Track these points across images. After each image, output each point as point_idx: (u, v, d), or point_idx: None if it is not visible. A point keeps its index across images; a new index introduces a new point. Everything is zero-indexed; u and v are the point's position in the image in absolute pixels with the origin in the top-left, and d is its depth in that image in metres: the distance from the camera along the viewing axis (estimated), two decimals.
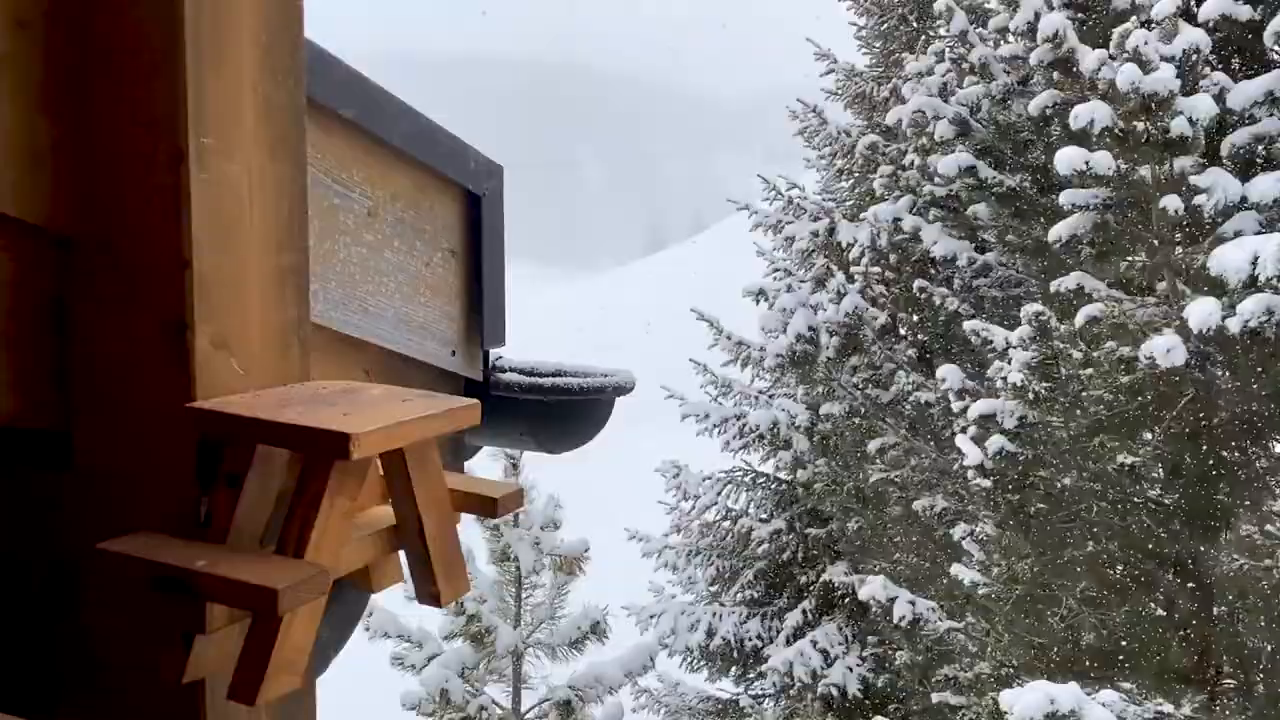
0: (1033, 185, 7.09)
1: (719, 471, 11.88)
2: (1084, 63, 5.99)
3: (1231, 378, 6.22)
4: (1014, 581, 6.37)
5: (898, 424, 8.09)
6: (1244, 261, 5.44)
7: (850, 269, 9.33)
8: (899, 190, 8.39)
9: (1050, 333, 5.85)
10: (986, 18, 7.77)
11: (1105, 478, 6.49)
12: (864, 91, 11.06)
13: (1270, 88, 6.04)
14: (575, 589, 13.35)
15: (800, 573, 11.18)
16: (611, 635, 9.75)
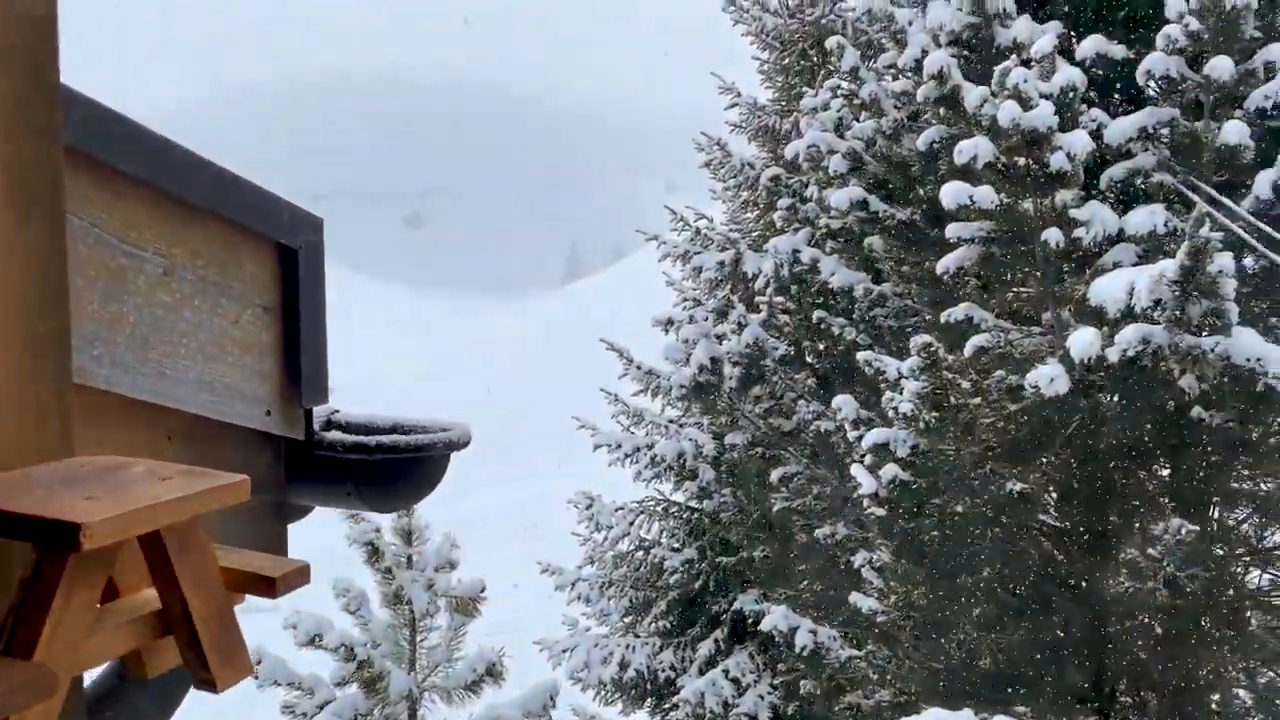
0: (924, 218, 7.24)
1: (632, 502, 11.87)
2: (968, 99, 6.15)
3: (1116, 404, 6.39)
4: (911, 608, 6.45)
5: (800, 453, 8.17)
6: (1121, 292, 5.62)
7: (756, 299, 9.43)
8: (798, 222, 8.51)
9: (939, 363, 5.96)
10: (879, 53, 7.95)
11: (997, 504, 6.62)
12: (767, 125, 11.21)
13: (1145, 123, 6.27)
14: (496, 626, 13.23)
15: (713, 602, 11.19)
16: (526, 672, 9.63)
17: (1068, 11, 7.02)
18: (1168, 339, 5.44)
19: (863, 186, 7.44)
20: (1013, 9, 6.64)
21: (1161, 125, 6.21)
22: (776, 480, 8.13)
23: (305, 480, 1.70)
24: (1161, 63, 6.00)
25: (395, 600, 5.46)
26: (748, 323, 8.01)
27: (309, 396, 1.96)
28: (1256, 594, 7.65)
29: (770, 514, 8.33)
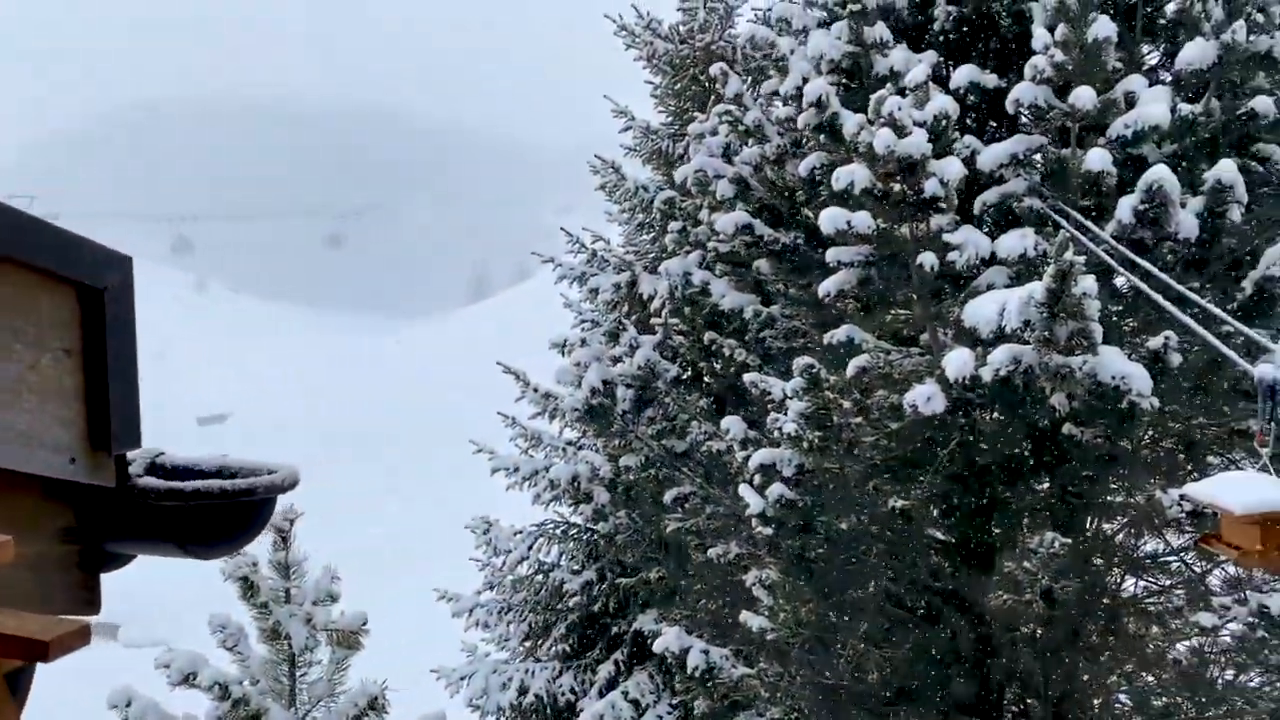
0: (808, 242, 7.38)
1: (530, 525, 11.79)
2: (846, 127, 6.30)
3: (993, 422, 6.58)
4: (800, 625, 6.53)
5: (694, 473, 8.22)
6: (993, 313, 5.79)
7: (652, 321, 9.49)
8: (689, 245, 8.58)
9: (821, 383, 6.06)
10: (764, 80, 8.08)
11: (882, 520, 6.75)
12: (661, 148, 11.31)
13: (1015, 150, 6.51)
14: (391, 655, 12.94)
15: (612, 623, 11.16)
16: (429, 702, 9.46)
17: (943, 41, 7.23)
18: (1037, 358, 5.62)
19: (749, 211, 7.54)
20: (890, 39, 6.82)
21: (1031, 152, 6.45)
22: (670, 501, 8.17)
23: (120, 528, 1.63)
24: (1029, 92, 6.23)
25: (273, 635, 5.32)
26: (640, 345, 8.04)
27: (120, 442, 1.88)
28: (1132, 601, 7.95)
29: (665, 535, 8.36)
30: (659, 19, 11.61)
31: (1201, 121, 6.14)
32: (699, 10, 11.03)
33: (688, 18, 11.23)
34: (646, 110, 12.16)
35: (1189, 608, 6.93)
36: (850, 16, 6.69)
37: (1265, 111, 6.12)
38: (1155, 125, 5.95)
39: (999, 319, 5.72)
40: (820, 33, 7.08)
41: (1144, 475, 6.74)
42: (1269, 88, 6.55)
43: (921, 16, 7.19)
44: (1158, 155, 6.23)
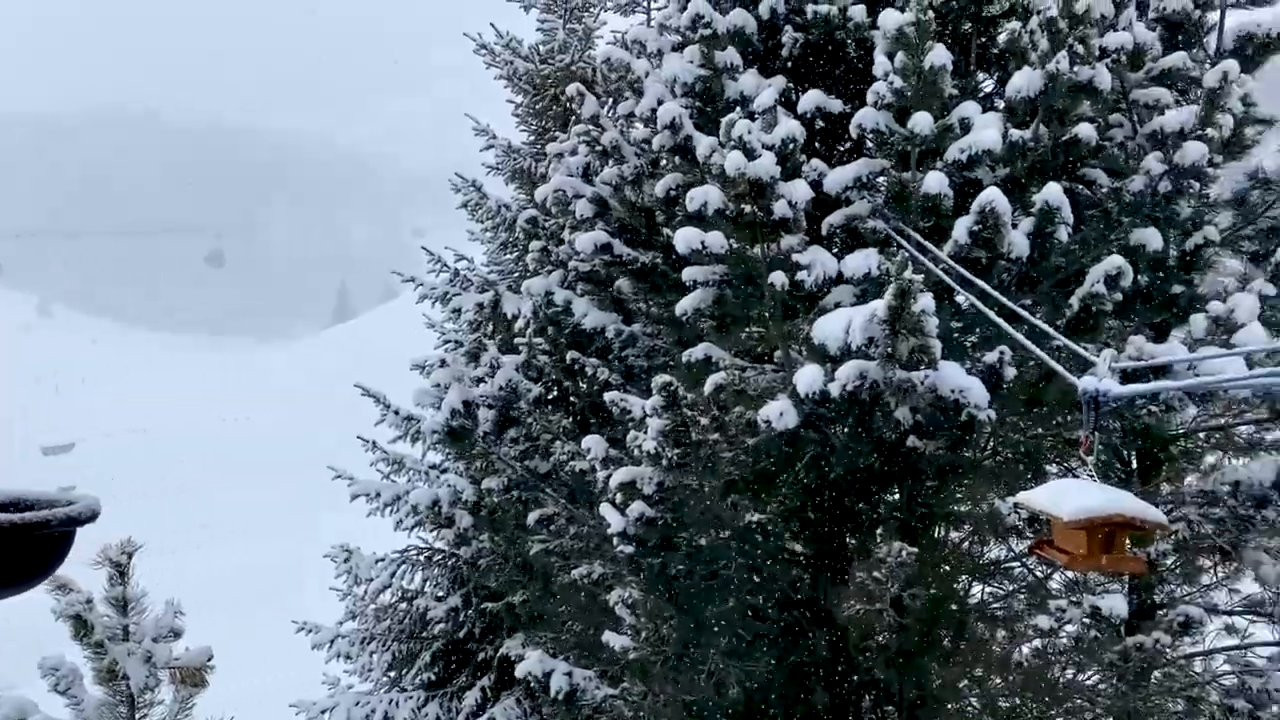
0: (666, 261, 7.47)
1: (393, 552, 11.56)
2: (699, 149, 6.41)
3: (843, 436, 6.77)
4: (662, 643, 6.57)
5: (558, 494, 8.19)
6: (840, 330, 5.98)
7: (516, 340, 9.44)
8: (550, 265, 8.59)
9: (679, 401, 6.13)
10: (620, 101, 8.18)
11: (741, 534, 6.86)
12: (523, 167, 11.30)
13: (859, 173, 6.73)
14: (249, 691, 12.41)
15: (479, 649, 11.02)
16: None
17: (791, 67, 7.45)
18: (881, 374, 5.82)
19: (609, 230, 7.60)
20: (740, 63, 6.98)
21: (874, 175, 6.69)
22: (534, 523, 8.12)
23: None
24: (871, 117, 6.47)
25: (110, 676, 5.06)
26: (501, 365, 7.99)
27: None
28: (979, 606, 8.28)
29: (529, 557, 8.30)
30: (519, 39, 11.62)
31: (1031, 146, 6.48)
32: (558, 31, 11.09)
33: (547, 38, 11.29)
34: (509, 129, 12.15)
35: (1029, 611, 7.25)
36: (701, 41, 6.83)
37: (1088, 138, 6.49)
38: (988, 150, 6.24)
39: (845, 336, 5.90)
40: (674, 56, 7.21)
41: (985, 484, 7.03)
42: (1092, 115, 6.97)
43: (770, 42, 7.38)
44: (991, 178, 6.54)
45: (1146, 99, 7.21)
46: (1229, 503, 6.76)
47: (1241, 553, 7.27)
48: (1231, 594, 8.40)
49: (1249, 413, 7.96)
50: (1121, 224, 6.92)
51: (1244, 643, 8.22)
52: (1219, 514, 6.94)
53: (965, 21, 7.28)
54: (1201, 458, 8.56)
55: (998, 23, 7.31)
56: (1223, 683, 7.71)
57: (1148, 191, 6.70)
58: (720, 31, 6.92)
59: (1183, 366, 5.85)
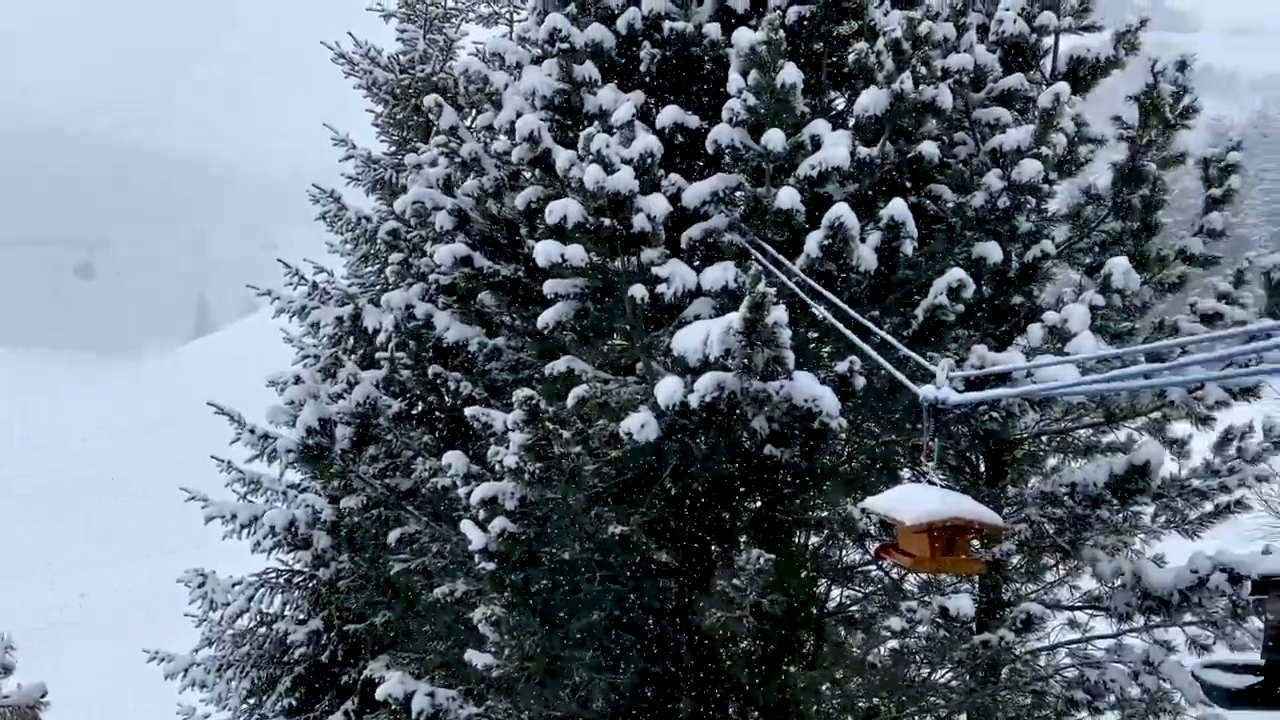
0: (528, 274, 7.45)
1: (250, 575, 11.17)
2: (558, 162, 6.41)
3: (704, 446, 6.85)
4: (526, 659, 6.52)
5: (420, 512, 8.05)
6: (698, 343, 6.06)
7: (378, 355, 9.24)
8: (412, 277, 8.46)
9: (541, 414, 6.11)
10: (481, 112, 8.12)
11: (605, 547, 6.88)
12: (383, 178, 11.11)
13: (716, 188, 6.85)
14: None
15: (342, 672, 10.74)
16: None
17: (649, 82, 7.53)
18: (739, 384, 5.93)
19: (469, 243, 7.53)
20: (598, 78, 7.02)
21: (730, 190, 6.81)
22: (395, 542, 7.96)
23: None
24: (727, 133, 6.58)
25: None
26: (359, 380, 7.81)
27: None
28: (838, 610, 8.49)
29: (391, 577, 8.13)
30: (379, 48, 11.44)
31: (878, 163, 6.70)
32: (419, 41, 10.96)
33: (408, 48, 11.14)
34: (370, 139, 11.93)
35: (882, 614, 7.47)
36: (560, 55, 6.84)
37: (931, 155, 6.75)
38: (837, 166, 6.43)
39: (704, 348, 5.99)
40: (533, 69, 7.20)
41: (841, 490, 7.23)
42: (936, 133, 7.25)
43: (629, 57, 7.45)
44: (841, 194, 6.74)
45: (988, 118, 7.55)
46: (1067, 503, 7.11)
47: (1080, 550, 7.66)
48: (1072, 590, 8.84)
49: (1086, 417, 8.42)
50: (965, 238, 7.22)
51: (1085, 636, 8.65)
52: (1059, 514, 7.29)
53: (817, 41, 7.49)
54: (1044, 461, 9.00)
55: (848, 43, 7.55)
56: (1065, 675, 8.09)
57: (988, 207, 7.00)
58: (578, 46, 6.95)
59: (1021, 374, 6.14)
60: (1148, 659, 7.48)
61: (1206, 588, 6.80)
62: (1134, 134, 7.54)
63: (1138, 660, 7.55)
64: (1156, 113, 7.40)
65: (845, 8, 7.30)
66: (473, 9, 11.14)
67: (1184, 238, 8.11)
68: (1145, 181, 7.59)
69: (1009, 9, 7.88)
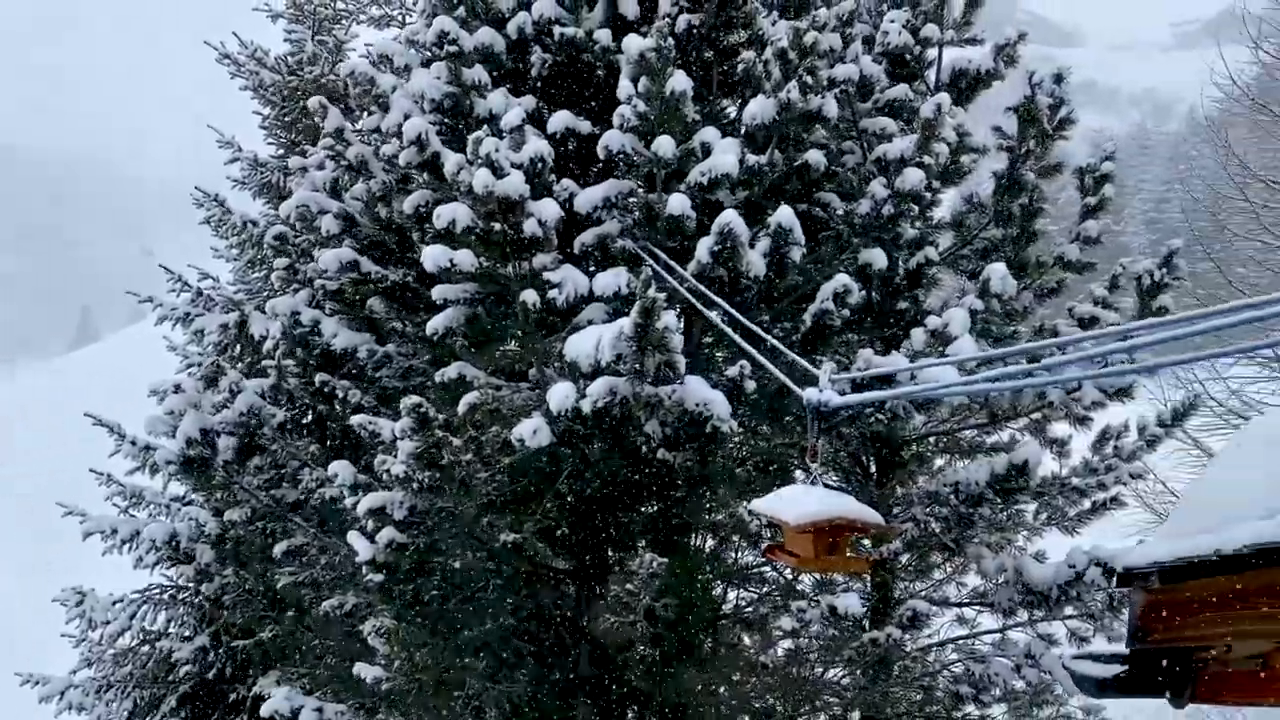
0: (418, 279, 7.33)
1: (133, 592, 10.76)
2: (447, 166, 6.33)
3: (598, 452, 6.84)
4: (416, 671, 6.41)
5: (307, 523, 7.85)
6: (591, 348, 6.04)
7: (264, 363, 9.00)
8: (297, 283, 8.26)
9: (430, 422, 6.02)
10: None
11: (499, 555, 6.80)
12: (271, 181, 10.84)
13: (608, 194, 6.85)
14: None
15: (230, 689, 10.42)
16: None
17: (541, 87, 7.50)
18: (631, 389, 5.92)
19: (357, 247, 7.38)
20: (488, 81, 6.96)
21: (623, 196, 6.82)
22: (282, 554, 7.75)
23: None
24: (617, 139, 6.59)
25: None
26: (243, 389, 7.59)
27: None
28: (735, 612, 8.56)
29: (278, 590, 7.91)
30: (266, 49, 11.17)
31: (766, 171, 6.78)
32: (307, 43, 10.72)
33: (296, 49, 10.89)
34: (256, 141, 11.64)
35: (774, 614, 7.55)
36: (448, 58, 6.76)
37: (817, 163, 6.86)
38: (727, 173, 6.49)
39: (596, 353, 5.97)
40: (421, 72, 7.10)
41: (734, 493, 7.29)
42: (824, 142, 7.39)
43: (520, 62, 7.41)
44: (732, 201, 6.81)
45: (874, 127, 7.72)
46: (952, 502, 7.29)
47: (965, 548, 7.85)
48: (959, 587, 9.08)
49: (971, 418, 8.66)
50: (852, 244, 7.35)
51: (972, 633, 8.89)
52: (944, 513, 7.47)
53: (707, 49, 7.55)
54: (931, 461, 9.22)
55: (737, 51, 7.64)
56: (952, 670, 8.29)
57: (874, 214, 7.15)
58: (467, 49, 6.87)
59: (905, 376, 6.27)
60: (1030, 652, 7.71)
61: (1084, 582, 7.04)
62: (1013, 144, 7.77)
63: (1020, 654, 7.77)
64: (1034, 123, 7.63)
65: (734, 17, 7.37)
66: (363, 11, 10.96)
67: (1063, 244, 8.40)
68: (1024, 190, 7.83)
69: (894, 21, 8.06)
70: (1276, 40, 17.00)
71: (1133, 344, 4.01)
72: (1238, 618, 3.08)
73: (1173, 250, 7.51)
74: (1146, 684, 3.40)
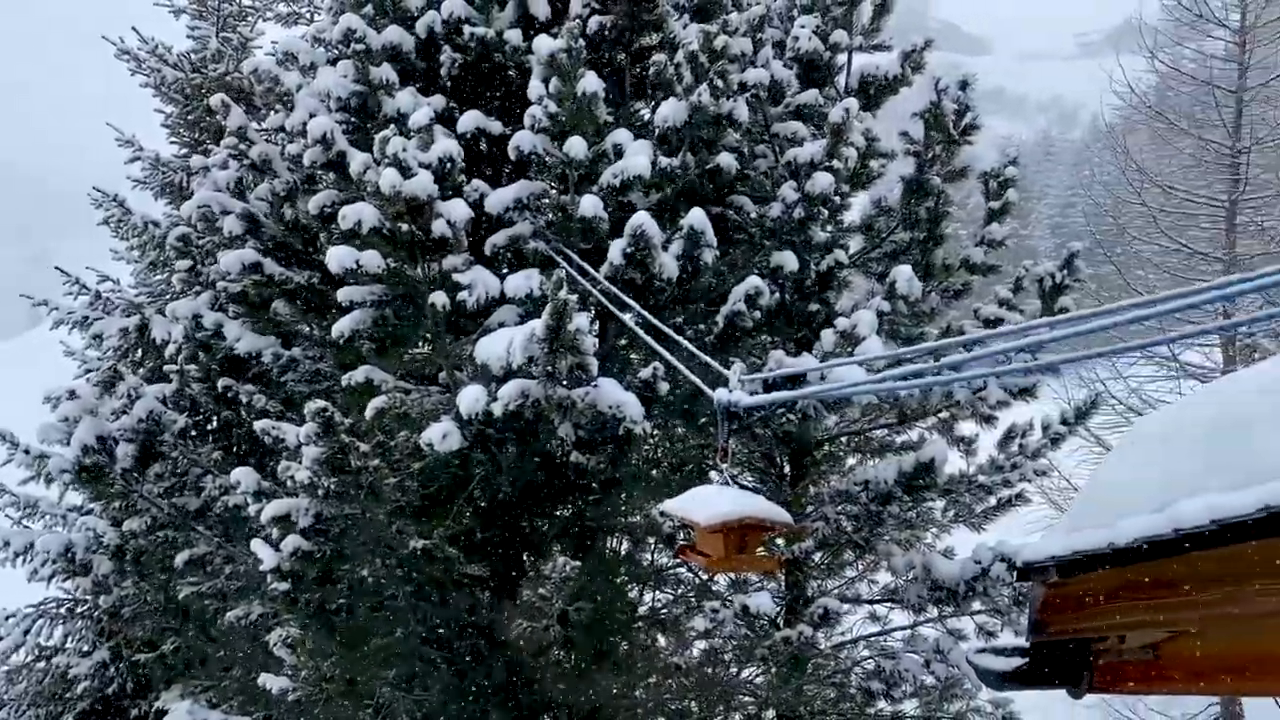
0: (324, 281, 7.18)
1: (27, 606, 10.35)
2: (353, 165, 6.20)
3: (511, 455, 6.77)
4: (324, 681, 6.26)
5: (211, 532, 7.63)
6: (502, 350, 5.97)
7: (166, 368, 8.73)
8: (200, 285, 8.03)
9: (336, 427, 5.89)
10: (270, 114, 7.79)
11: (409, 562, 6.69)
12: (174, 181, 10.52)
13: (520, 195, 6.78)
14: None
15: (132, 705, 10.08)
16: None
17: (451, 87, 7.40)
18: (543, 392, 5.88)
19: (261, 248, 7.20)
20: (396, 80, 6.85)
21: (535, 197, 6.77)
22: (184, 564, 7.51)
23: None
24: (529, 140, 6.53)
25: None
26: (142, 395, 7.34)
27: None
28: (651, 614, 8.55)
29: (181, 601, 7.67)
30: (168, 45, 10.84)
31: (679, 173, 6.79)
32: (211, 39, 10.44)
33: (199, 45, 10.60)
34: (159, 140, 11.29)
35: (687, 615, 7.56)
36: (355, 56, 6.64)
37: (729, 166, 6.89)
38: (639, 175, 6.48)
39: (507, 355, 5.91)
40: (328, 70, 6.96)
41: (650, 495, 7.28)
42: (736, 145, 7.42)
43: (429, 61, 7.30)
44: (645, 203, 6.80)
45: (786, 132, 7.79)
46: (862, 500, 7.38)
47: (876, 546, 7.97)
48: (871, 585, 9.20)
49: (882, 418, 8.78)
50: (764, 247, 7.41)
51: (883, 629, 9.02)
52: (855, 511, 7.57)
53: (619, 52, 7.54)
54: (844, 461, 9.33)
55: (650, 54, 7.64)
56: (865, 667, 8.40)
57: (785, 217, 7.21)
58: (375, 47, 6.76)
59: (816, 377, 6.33)
60: (939, 648, 7.84)
61: (989, 577, 7.19)
62: (920, 149, 7.90)
63: (930, 650, 7.90)
64: (940, 129, 7.77)
65: (646, 20, 7.37)
66: (270, 8, 10.71)
67: (970, 248, 8.57)
68: (931, 194, 7.96)
69: (804, 26, 8.14)
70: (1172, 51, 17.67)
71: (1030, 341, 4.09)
72: (1131, 609, 3.15)
73: (1073, 253, 7.72)
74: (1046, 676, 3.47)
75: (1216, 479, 2.46)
